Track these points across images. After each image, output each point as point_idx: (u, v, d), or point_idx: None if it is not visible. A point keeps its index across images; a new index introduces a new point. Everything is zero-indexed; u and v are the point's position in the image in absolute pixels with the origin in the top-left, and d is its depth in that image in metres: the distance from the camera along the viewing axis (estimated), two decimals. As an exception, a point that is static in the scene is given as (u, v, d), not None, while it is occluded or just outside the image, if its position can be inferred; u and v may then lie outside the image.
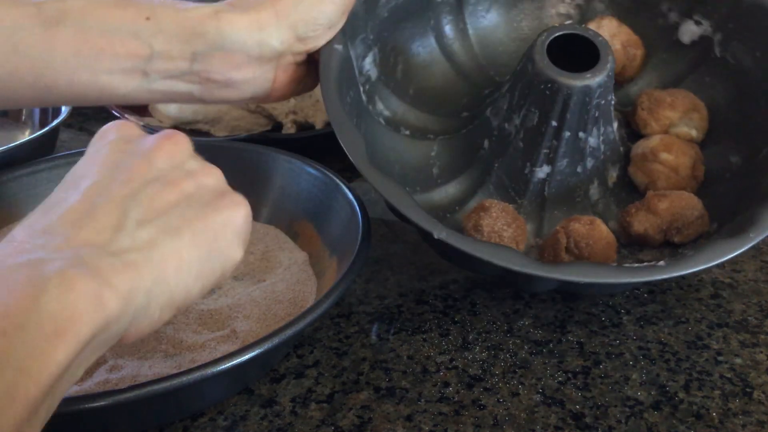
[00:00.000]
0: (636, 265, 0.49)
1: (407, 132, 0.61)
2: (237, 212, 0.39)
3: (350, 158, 0.49)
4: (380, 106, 0.60)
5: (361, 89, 0.57)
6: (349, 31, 0.54)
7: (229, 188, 0.41)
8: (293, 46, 0.51)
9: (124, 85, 0.49)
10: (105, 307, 0.32)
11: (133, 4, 0.48)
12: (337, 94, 0.52)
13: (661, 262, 0.48)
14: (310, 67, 0.55)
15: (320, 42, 0.53)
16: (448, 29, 0.64)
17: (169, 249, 0.36)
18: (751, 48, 0.59)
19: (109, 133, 0.41)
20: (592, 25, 0.62)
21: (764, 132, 0.57)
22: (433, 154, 0.61)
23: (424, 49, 0.63)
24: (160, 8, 0.49)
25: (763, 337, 0.53)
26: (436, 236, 0.47)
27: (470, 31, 0.65)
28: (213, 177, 0.40)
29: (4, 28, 0.46)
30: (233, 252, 0.39)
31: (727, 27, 0.61)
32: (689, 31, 0.63)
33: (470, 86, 0.64)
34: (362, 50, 0.57)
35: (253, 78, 0.51)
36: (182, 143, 0.40)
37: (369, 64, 0.58)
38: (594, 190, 0.59)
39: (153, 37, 0.48)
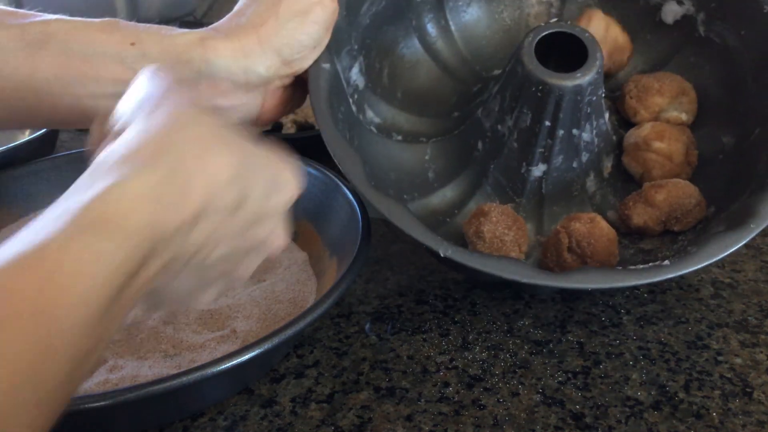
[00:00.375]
0: (641, 266, 0.49)
1: (399, 137, 0.61)
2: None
3: (349, 180, 0.49)
4: (370, 113, 0.59)
5: (350, 100, 0.57)
6: (333, 46, 0.53)
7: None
8: (280, 70, 0.50)
9: (108, 110, 0.48)
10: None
11: (118, 29, 0.48)
12: (330, 115, 0.51)
13: (666, 262, 0.49)
14: (297, 87, 0.54)
15: (306, 63, 0.52)
16: (430, 27, 0.64)
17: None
18: (735, 26, 0.59)
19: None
20: (582, 22, 0.62)
21: (754, 111, 0.57)
22: (427, 157, 0.61)
23: (409, 50, 0.63)
24: (146, 34, 0.48)
25: (763, 337, 0.53)
26: (442, 254, 0.47)
27: (452, 27, 0.64)
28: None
29: None
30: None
31: (709, 6, 0.60)
32: (671, 11, 0.63)
33: (457, 84, 0.64)
34: (348, 62, 0.57)
35: (240, 104, 0.51)
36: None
37: (356, 74, 0.58)
38: (590, 183, 0.59)
39: (138, 62, 0.47)
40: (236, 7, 0.51)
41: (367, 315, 0.55)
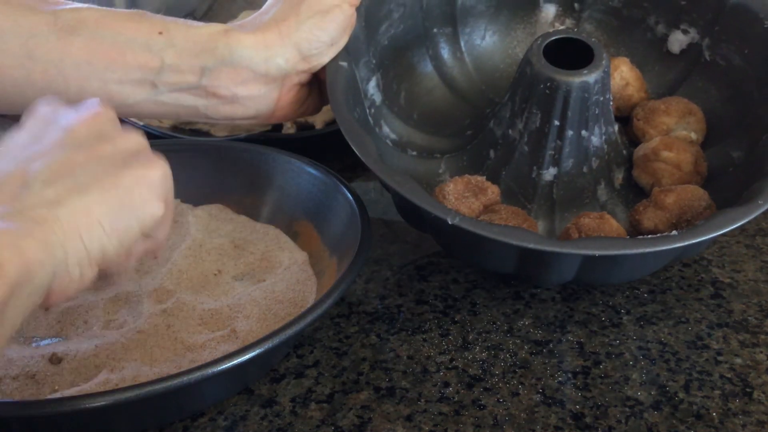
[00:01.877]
0: (649, 236, 0.49)
1: (414, 153, 0.62)
2: (151, 169, 0.40)
3: (361, 157, 0.50)
4: (386, 129, 0.61)
5: (367, 111, 0.59)
6: (352, 53, 0.56)
7: (147, 149, 0.42)
8: (298, 64, 0.53)
9: (132, 95, 0.51)
10: (24, 254, 0.33)
11: (147, 19, 0.50)
12: (345, 102, 0.53)
13: (674, 232, 0.49)
14: (312, 89, 0.57)
15: (323, 59, 0.55)
16: (446, 58, 0.66)
17: (76, 206, 0.37)
18: (738, 47, 0.61)
19: (38, 108, 0.42)
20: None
21: (761, 120, 0.58)
22: (440, 171, 0.62)
23: (425, 76, 0.65)
24: (173, 24, 0.51)
25: (763, 337, 0.53)
26: (450, 222, 0.47)
27: (467, 59, 0.67)
28: (132, 140, 0.41)
29: (20, 34, 0.47)
30: (149, 207, 0.40)
31: (713, 31, 0.62)
32: (678, 40, 0.65)
33: (472, 108, 0.66)
34: (366, 73, 0.59)
35: (258, 95, 0.53)
36: (104, 115, 0.41)
37: (373, 88, 0.60)
38: (601, 191, 0.60)
39: (164, 50, 0.50)
40: (262, 8, 0.55)
41: (367, 315, 0.55)
